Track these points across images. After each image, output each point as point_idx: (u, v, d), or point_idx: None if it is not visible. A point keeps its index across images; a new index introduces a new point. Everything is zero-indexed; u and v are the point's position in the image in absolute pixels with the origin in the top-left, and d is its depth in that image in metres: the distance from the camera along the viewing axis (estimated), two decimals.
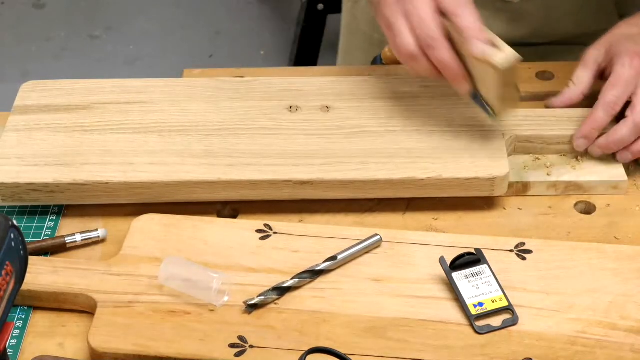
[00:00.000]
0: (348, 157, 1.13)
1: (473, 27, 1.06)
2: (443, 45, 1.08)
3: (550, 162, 1.17)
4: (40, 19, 3.04)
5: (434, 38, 1.07)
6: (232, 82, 1.24)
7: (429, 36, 1.07)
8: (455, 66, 1.09)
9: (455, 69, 1.09)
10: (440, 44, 1.08)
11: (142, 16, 3.05)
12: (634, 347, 0.95)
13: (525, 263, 1.04)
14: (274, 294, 1.00)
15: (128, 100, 1.22)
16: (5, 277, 0.85)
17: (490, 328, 0.97)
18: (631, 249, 1.06)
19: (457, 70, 1.09)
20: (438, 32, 1.07)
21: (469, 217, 1.13)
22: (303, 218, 1.13)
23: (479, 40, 1.05)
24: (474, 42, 1.05)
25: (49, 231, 1.12)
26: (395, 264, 1.04)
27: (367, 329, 0.97)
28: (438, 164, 1.12)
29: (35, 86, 1.24)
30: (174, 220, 1.09)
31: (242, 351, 0.95)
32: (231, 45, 2.94)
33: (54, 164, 1.12)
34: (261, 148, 1.14)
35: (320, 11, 2.55)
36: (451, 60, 1.08)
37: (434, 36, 1.07)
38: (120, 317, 0.98)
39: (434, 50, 1.08)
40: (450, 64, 1.09)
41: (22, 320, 1.01)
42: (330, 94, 1.22)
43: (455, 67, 1.09)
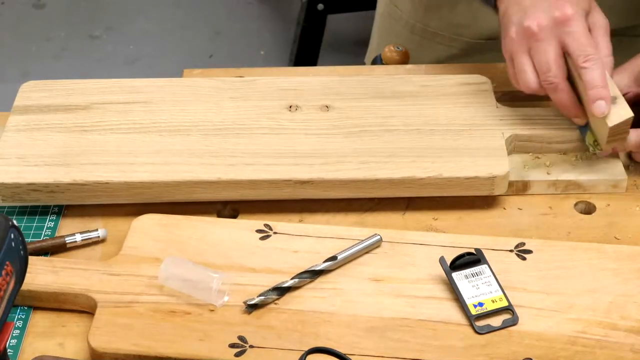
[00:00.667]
0: (348, 156, 1.13)
1: (597, 85, 1.09)
2: (564, 89, 1.12)
3: (550, 161, 1.17)
4: (40, 19, 3.04)
5: (556, 82, 1.11)
6: (232, 82, 1.24)
7: (552, 80, 1.11)
8: (573, 107, 1.13)
9: (573, 109, 1.13)
10: (561, 88, 1.12)
11: (142, 16, 3.05)
12: (634, 347, 0.95)
13: (525, 263, 1.04)
14: (274, 294, 1.00)
15: (128, 100, 1.22)
16: (5, 277, 0.85)
17: (490, 328, 0.97)
18: (631, 249, 1.06)
19: (575, 109, 1.13)
20: (561, 76, 1.11)
21: (469, 217, 1.13)
22: (303, 218, 1.13)
23: (601, 100, 1.08)
24: (596, 103, 1.09)
25: (49, 231, 1.12)
26: (395, 264, 1.04)
27: (367, 329, 0.97)
28: (438, 163, 1.12)
29: (35, 86, 1.24)
30: (174, 220, 1.09)
31: (242, 351, 0.95)
32: (231, 45, 2.94)
33: (54, 164, 1.12)
34: (261, 148, 1.14)
35: (320, 11, 2.55)
36: (570, 102, 1.13)
37: (557, 81, 1.11)
38: (120, 317, 0.98)
39: (554, 92, 1.12)
40: (569, 106, 1.13)
41: (22, 320, 1.01)
42: (330, 94, 1.22)
43: (573, 108, 1.13)
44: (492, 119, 1.18)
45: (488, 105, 1.21)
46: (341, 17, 2.85)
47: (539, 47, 1.11)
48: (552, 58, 1.10)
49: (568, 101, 1.13)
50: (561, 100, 1.13)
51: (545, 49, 1.11)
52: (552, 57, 1.11)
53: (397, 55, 1.44)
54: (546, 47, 1.11)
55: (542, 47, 1.11)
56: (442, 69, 1.39)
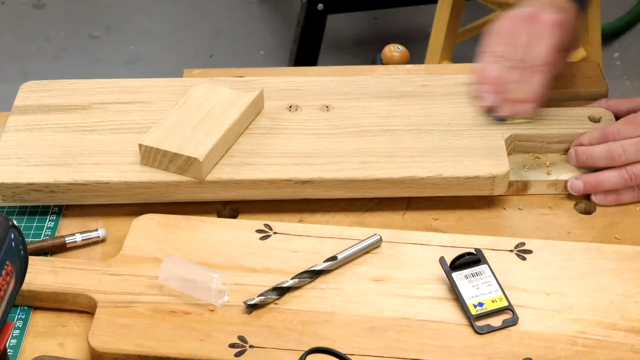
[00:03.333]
0: (348, 156, 1.13)
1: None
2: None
3: (550, 161, 1.17)
4: (40, 19, 3.03)
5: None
6: (232, 82, 1.24)
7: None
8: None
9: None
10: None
11: (142, 16, 3.04)
12: (634, 347, 0.95)
13: (525, 263, 1.04)
14: (274, 294, 1.00)
15: (128, 100, 1.22)
16: (5, 277, 0.85)
17: (490, 328, 0.97)
18: (631, 249, 1.06)
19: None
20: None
21: (469, 217, 1.13)
22: (303, 218, 1.13)
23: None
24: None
25: (49, 231, 1.12)
26: (395, 264, 1.04)
27: (367, 329, 0.97)
28: (438, 163, 1.12)
29: (35, 86, 1.24)
30: (174, 220, 1.09)
31: (242, 351, 0.95)
32: (231, 45, 2.94)
33: (54, 164, 1.12)
34: (261, 147, 1.14)
35: (320, 11, 2.55)
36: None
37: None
38: (120, 317, 0.98)
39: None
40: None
41: (22, 320, 1.01)
42: (330, 94, 1.22)
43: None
44: (492, 119, 1.18)
45: None
46: (341, 17, 2.85)
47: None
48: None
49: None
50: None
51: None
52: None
53: (397, 55, 1.44)
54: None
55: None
56: (442, 69, 1.39)
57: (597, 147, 1.14)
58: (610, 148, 1.12)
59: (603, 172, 1.13)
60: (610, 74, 2.70)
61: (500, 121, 1.17)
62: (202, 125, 1.13)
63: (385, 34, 2.94)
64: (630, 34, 2.90)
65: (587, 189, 1.13)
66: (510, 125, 1.17)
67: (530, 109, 1.16)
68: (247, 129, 1.17)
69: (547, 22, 1.17)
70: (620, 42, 2.87)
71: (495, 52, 1.19)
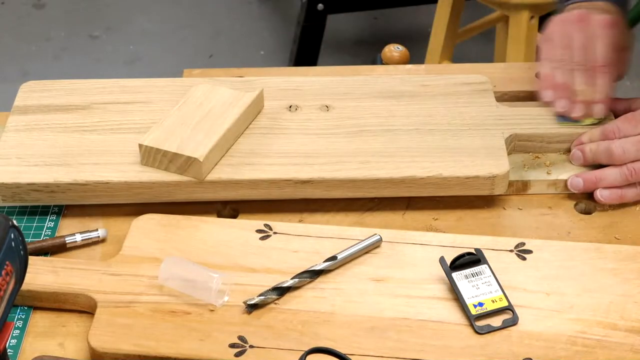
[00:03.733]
0: (348, 156, 1.13)
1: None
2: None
3: (550, 161, 1.17)
4: (40, 19, 3.04)
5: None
6: (232, 82, 1.24)
7: None
8: None
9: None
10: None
11: (142, 16, 3.05)
12: (634, 347, 0.95)
13: (525, 263, 1.04)
14: (274, 294, 1.00)
15: (128, 100, 1.22)
16: (5, 277, 0.85)
17: (490, 328, 0.97)
18: (631, 249, 1.06)
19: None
20: None
21: (469, 217, 1.13)
22: (303, 218, 1.13)
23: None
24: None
25: (49, 231, 1.12)
26: (395, 264, 1.04)
27: (367, 329, 0.97)
28: (438, 162, 1.12)
29: (35, 86, 1.24)
30: (174, 220, 1.09)
31: (242, 351, 0.95)
32: (231, 45, 2.94)
33: (54, 164, 1.12)
34: (261, 147, 1.14)
35: (320, 11, 2.55)
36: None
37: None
38: (120, 317, 0.98)
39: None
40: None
41: (22, 320, 1.01)
42: (330, 94, 1.22)
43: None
44: (492, 119, 1.18)
45: (488, 105, 1.21)
46: (341, 17, 2.85)
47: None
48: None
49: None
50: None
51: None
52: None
53: (397, 55, 1.44)
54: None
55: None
56: (442, 69, 1.39)
57: (599, 147, 1.14)
58: (609, 147, 1.12)
59: (603, 170, 1.13)
60: None
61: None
62: (202, 125, 1.13)
63: (385, 34, 2.94)
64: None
65: (587, 186, 1.13)
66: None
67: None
68: (247, 129, 1.17)
69: (599, 22, 1.18)
70: None
71: (554, 57, 1.19)
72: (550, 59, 1.20)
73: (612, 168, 1.13)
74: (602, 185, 1.13)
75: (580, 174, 1.14)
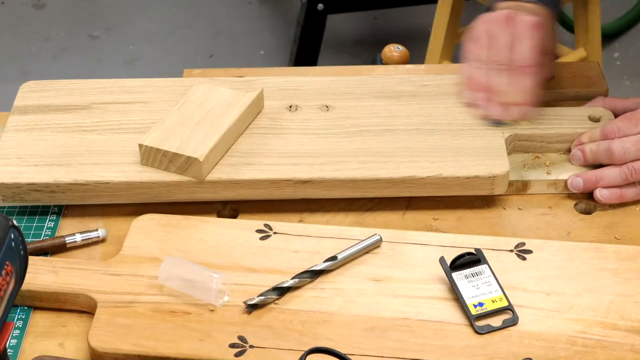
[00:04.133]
0: (348, 156, 1.13)
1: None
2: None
3: (550, 161, 1.17)
4: (40, 19, 3.03)
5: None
6: (232, 82, 1.24)
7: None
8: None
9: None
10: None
11: (142, 16, 3.04)
12: (634, 347, 0.95)
13: (525, 263, 1.04)
14: (274, 294, 1.00)
15: (128, 100, 1.22)
16: (5, 277, 0.85)
17: (490, 328, 0.97)
18: (631, 249, 1.06)
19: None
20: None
21: (469, 217, 1.13)
22: (303, 218, 1.13)
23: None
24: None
25: (49, 231, 1.12)
26: (395, 264, 1.04)
27: (367, 329, 0.97)
28: (438, 162, 1.12)
29: (35, 86, 1.24)
30: (174, 220, 1.09)
31: (242, 351, 0.95)
32: (231, 45, 2.94)
33: (54, 164, 1.12)
34: (261, 147, 1.14)
35: (320, 11, 2.55)
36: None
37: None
38: (120, 317, 0.98)
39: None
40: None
41: (22, 320, 1.01)
42: (330, 94, 1.22)
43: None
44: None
45: None
46: (341, 17, 2.85)
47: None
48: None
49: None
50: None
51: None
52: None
53: (397, 55, 1.44)
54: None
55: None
56: (442, 69, 1.39)
57: (599, 146, 1.14)
58: (610, 146, 1.12)
59: (603, 169, 1.13)
60: (610, 74, 2.69)
61: (498, 124, 1.17)
62: (202, 125, 1.13)
63: (385, 34, 2.94)
64: (630, 34, 2.90)
65: (587, 186, 1.13)
66: (509, 126, 1.17)
67: (526, 111, 1.16)
68: (247, 129, 1.17)
69: (526, 23, 1.16)
70: (620, 42, 2.87)
71: (478, 56, 1.18)
72: (475, 59, 1.18)
73: (612, 167, 1.13)
74: (602, 184, 1.13)
75: (580, 174, 1.14)
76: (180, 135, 1.11)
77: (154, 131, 1.12)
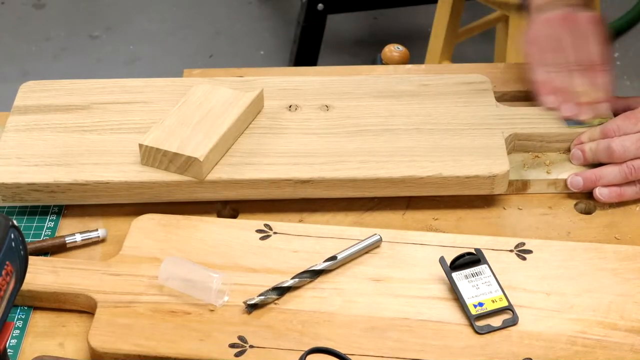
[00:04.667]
0: (348, 155, 1.13)
1: None
2: None
3: (549, 160, 1.17)
4: (40, 19, 3.03)
5: None
6: (232, 82, 1.24)
7: None
8: None
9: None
10: None
11: (142, 16, 3.04)
12: (634, 347, 0.95)
13: (525, 263, 1.04)
14: (274, 294, 1.00)
15: (128, 100, 1.22)
16: (5, 277, 0.85)
17: (490, 328, 0.97)
18: (631, 249, 1.05)
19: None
20: None
21: (469, 217, 1.13)
22: (303, 218, 1.13)
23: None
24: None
25: (49, 231, 1.12)
26: (395, 264, 1.04)
27: (367, 329, 0.97)
28: (438, 162, 1.12)
29: (34, 86, 1.24)
30: (174, 220, 1.09)
31: (242, 351, 0.95)
32: (231, 45, 2.94)
33: (54, 164, 1.12)
34: (261, 147, 1.14)
35: (320, 11, 2.55)
36: None
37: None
38: (120, 317, 0.98)
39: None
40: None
41: (22, 320, 1.01)
42: (330, 93, 1.22)
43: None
44: (492, 119, 1.18)
45: (488, 105, 1.21)
46: (341, 17, 2.85)
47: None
48: None
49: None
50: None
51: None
52: None
53: (397, 55, 1.44)
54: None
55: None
56: (442, 69, 1.39)
57: (599, 145, 1.14)
58: (609, 145, 1.12)
59: (602, 168, 1.13)
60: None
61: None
62: (202, 125, 1.13)
63: (385, 34, 2.94)
64: (630, 34, 2.90)
65: (587, 185, 1.13)
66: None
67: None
68: (247, 129, 1.17)
69: (587, 20, 1.17)
70: (620, 42, 2.87)
71: (546, 61, 1.18)
72: (543, 63, 1.19)
73: (612, 166, 1.13)
74: (602, 183, 1.13)
75: (580, 173, 1.14)
76: (180, 135, 1.11)
77: (154, 131, 1.12)
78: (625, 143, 1.12)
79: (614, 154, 1.12)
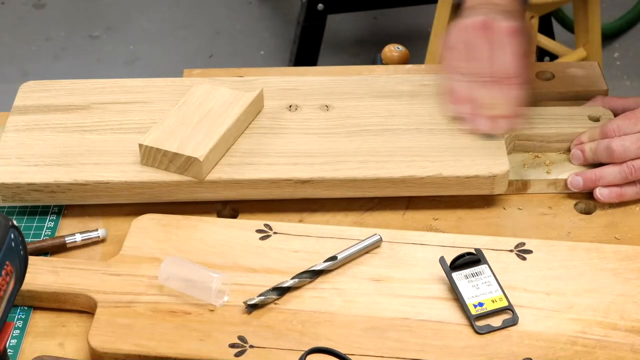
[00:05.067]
0: (348, 155, 1.13)
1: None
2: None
3: (549, 160, 1.17)
4: (40, 19, 3.04)
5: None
6: (232, 82, 1.24)
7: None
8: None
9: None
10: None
11: (142, 16, 3.04)
12: (634, 347, 0.95)
13: (525, 263, 1.04)
14: (274, 294, 1.00)
15: (128, 100, 1.22)
16: (5, 277, 0.85)
17: (490, 328, 0.97)
18: (631, 249, 1.05)
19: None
20: None
21: (469, 217, 1.13)
22: (303, 218, 1.13)
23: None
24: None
25: (49, 231, 1.12)
26: (395, 264, 1.04)
27: (367, 329, 0.97)
28: (438, 162, 1.12)
29: (34, 86, 1.24)
30: (174, 220, 1.09)
31: (242, 351, 0.95)
32: (231, 45, 2.94)
33: (54, 164, 1.12)
34: (261, 147, 1.14)
35: (320, 11, 2.55)
36: None
37: None
38: (120, 317, 0.98)
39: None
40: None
41: (22, 320, 1.01)
42: (330, 93, 1.22)
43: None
44: None
45: None
46: (341, 17, 2.85)
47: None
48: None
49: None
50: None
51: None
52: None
53: (397, 55, 1.44)
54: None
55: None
56: (442, 69, 1.39)
57: (599, 145, 1.14)
58: (609, 145, 1.12)
59: (603, 168, 1.13)
60: (610, 74, 2.70)
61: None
62: (202, 125, 1.13)
63: (385, 34, 2.94)
64: (630, 34, 2.90)
65: (587, 184, 1.13)
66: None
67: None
68: (247, 129, 1.17)
69: (504, 30, 1.13)
70: (620, 42, 2.87)
71: (459, 68, 1.16)
72: (455, 70, 1.16)
73: (612, 166, 1.13)
74: (602, 183, 1.13)
75: (580, 173, 1.14)
76: (180, 135, 1.11)
77: (154, 131, 1.12)
78: (625, 143, 1.12)
79: (614, 154, 1.12)
